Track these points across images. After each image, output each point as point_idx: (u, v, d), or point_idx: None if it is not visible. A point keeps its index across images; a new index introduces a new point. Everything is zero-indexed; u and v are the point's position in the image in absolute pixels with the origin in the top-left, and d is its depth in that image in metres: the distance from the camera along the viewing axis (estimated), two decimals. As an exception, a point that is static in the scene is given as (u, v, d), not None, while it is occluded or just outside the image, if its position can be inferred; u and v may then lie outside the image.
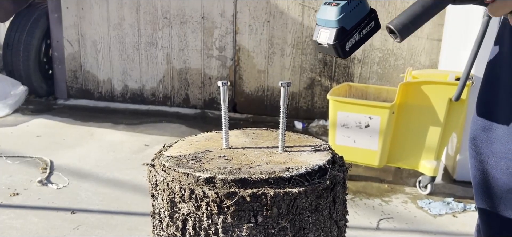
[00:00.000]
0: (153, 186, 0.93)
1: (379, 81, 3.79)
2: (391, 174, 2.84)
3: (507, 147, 0.93)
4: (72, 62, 4.40)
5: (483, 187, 1.02)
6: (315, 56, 3.87)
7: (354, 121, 2.50)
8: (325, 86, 3.92)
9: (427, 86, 2.40)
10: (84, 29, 4.29)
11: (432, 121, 2.43)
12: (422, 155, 2.51)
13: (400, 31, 0.72)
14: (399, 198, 2.51)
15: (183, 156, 0.96)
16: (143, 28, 4.16)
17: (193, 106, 4.25)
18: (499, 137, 0.95)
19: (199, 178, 0.85)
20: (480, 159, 1.01)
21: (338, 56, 0.82)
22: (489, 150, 0.98)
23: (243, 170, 0.87)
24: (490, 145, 0.97)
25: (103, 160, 2.89)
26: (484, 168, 1.00)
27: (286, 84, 0.96)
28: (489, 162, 0.98)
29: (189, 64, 4.16)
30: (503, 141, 0.94)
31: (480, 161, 1.01)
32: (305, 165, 0.89)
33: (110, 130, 3.52)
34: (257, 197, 0.81)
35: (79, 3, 4.22)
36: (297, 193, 0.82)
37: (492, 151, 0.97)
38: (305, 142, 1.06)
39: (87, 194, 2.41)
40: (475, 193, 1.06)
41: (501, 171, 0.95)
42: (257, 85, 4.06)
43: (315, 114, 3.98)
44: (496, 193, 0.99)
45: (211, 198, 0.82)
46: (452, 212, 2.36)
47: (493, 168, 0.97)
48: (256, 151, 1.00)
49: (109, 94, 4.41)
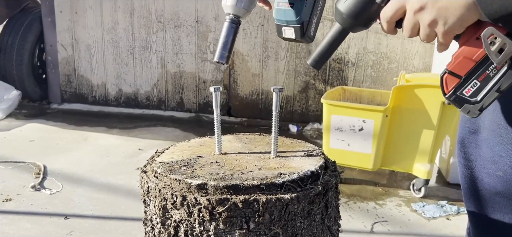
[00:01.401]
0: (145, 193, 0.93)
1: (373, 84, 3.81)
2: (385, 177, 2.84)
3: (494, 151, 0.93)
4: (66, 66, 4.38)
5: (471, 190, 1.03)
6: (309, 60, 3.88)
7: (348, 125, 2.51)
8: (319, 90, 3.93)
9: (420, 90, 2.42)
10: (78, 33, 4.27)
11: (426, 124, 2.44)
12: (415, 158, 2.52)
13: (315, 66, 0.86)
14: (393, 201, 2.52)
15: (175, 162, 0.96)
16: (137, 32, 4.15)
17: (188, 109, 4.25)
18: (485, 140, 0.95)
19: (191, 185, 0.85)
20: (468, 162, 1.01)
21: (307, 43, 0.95)
22: (476, 153, 0.98)
23: (235, 176, 0.87)
24: (478, 148, 0.98)
25: (97, 164, 2.88)
26: (472, 171, 1.01)
27: (278, 89, 0.96)
28: (477, 165, 0.99)
29: (183, 68, 4.16)
30: (489, 144, 0.94)
31: (468, 164, 1.01)
32: (297, 170, 0.89)
33: (104, 135, 3.51)
34: (249, 203, 0.81)
35: (73, 7, 4.21)
36: (289, 199, 0.82)
37: (480, 155, 0.97)
38: (297, 147, 1.06)
39: (80, 199, 2.40)
40: (464, 196, 1.06)
41: (488, 174, 0.96)
42: (251, 89, 4.06)
43: (309, 117, 3.99)
44: (484, 196, 0.99)
45: (203, 205, 0.82)
46: (446, 215, 2.37)
47: (481, 172, 0.98)
48: (249, 156, 1.00)
49: (103, 98, 4.40)
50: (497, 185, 0.95)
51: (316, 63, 0.86)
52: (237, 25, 0.95)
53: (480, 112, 0.69)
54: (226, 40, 0.94)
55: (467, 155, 1.01)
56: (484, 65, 0.68)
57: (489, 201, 0.98)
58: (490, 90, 0.68)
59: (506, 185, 0.93)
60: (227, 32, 0.95)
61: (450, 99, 0.71)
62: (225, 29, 0.95)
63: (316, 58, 0.86)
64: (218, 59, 0.95)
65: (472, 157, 1.00)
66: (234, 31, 0.95)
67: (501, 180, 0.94)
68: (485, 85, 0.68)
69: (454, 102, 0.71)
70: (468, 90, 0.69)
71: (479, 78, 0.68)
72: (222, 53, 0.95)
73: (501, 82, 0.67)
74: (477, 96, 0.68)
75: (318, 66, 0.87)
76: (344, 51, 3.81)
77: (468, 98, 0.69)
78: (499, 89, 0.67)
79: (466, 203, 1.06)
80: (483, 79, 0.68)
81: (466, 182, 1.03)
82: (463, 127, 1.03)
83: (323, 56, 0.86)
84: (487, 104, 0.69)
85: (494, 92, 0.68)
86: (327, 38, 0.85)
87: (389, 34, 0.83)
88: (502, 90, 0.67)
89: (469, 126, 1.01)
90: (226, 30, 0.95)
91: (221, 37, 0.95)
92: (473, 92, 0.69)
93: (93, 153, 3.09)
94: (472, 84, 0.69)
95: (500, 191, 0.95)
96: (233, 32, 0.95)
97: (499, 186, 0.95)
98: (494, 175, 0.95)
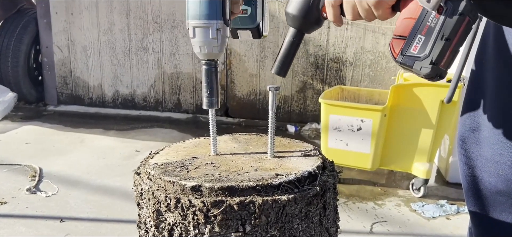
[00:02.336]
0: (138, 195, 0.91)
1: (371, 84, 3.79)
2: (384, 177, 2.82)
3: (494, 149, 0.92)
4: (62, 67, 4.35)
5: (472, 189, 1.01)
6: (306, 60, 3.86)
7: (346, 124, 2.49)
8: (317, 89, 3.91)
9: (418, 88, 2.40)
10: (74, 34, 4.25)
11: (424, 123, 2.42)
12: (414, 158, 2.50)
13: (279, 74, 0.90)
14: (393, 201, 2.50)
15: (169, 164, 0.94)
16: (134, 33, 4.12)
17: (185, 110, 4.22)
18: (486, 138, 0.94)
19: (185, 187, 0.82)
20: (469, 161, 1.00)
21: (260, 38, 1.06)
22: (477, 152, 0.97)
23: (230, 177, 0.85)
24: (479, 146, 0.96)
25: (93, 166, 2.85)
26: (473, 170, 0.99)
27: (274, 88, 0.94)
28: (477, 164, 0.97)
29: (180, 69, 4.13)
30: (490, 143, 0.93)
31: (469, 163, 1.00)
32: (294, 171, 0.87)
33: (101, 136, 3.48)
34: (245, 205, 0.79)
35: (69, 8, 4.18)
36: (286, 201, 0.80)
37: (481, 153, 0.95)
38: (294, 147, 1.04)
39: (76, 202, 2.37)
40: (465, 195, 1.05)
41: (489, 173, 0.94)
42: (249, 89, 4.04)
43: (307, 117, 3.97)
44: (485, 195, 0.97)
45: (198, 207, 0.80)
46: (446, 215, 2.35)
47: (482, 170, 0.96)
48: (245, 157, 0.98)
49: (100, 99, 4.37)
50: (498, 184, 0.93)
51: (280, 70, 0.89)
52: (216, 67, 0.94)
53: (433, 65, 0.68)
54: (211, 87, 0.93)
55: (468, 153, 0.99)
56: (423, 17, 0.68)
57: (490, 201, 0.96)
58: (436, 40, 0.68)
59: (507, 183, 0.92)
60: (209, 78, 0.93)
61: (400, 61, 0.71)
62: (206, 75, 0.92)
63: (280, 65, 0.89)
64: (208, 107, 0.94)
65: (473, 155, 0.98)
66: (215, 74, 0.93)
67: (502, 179, 0.92)
68: (429, 37, 0.68)
69: (404, 63, 0.71)
70: (415, 47, 0.69)
71: (422, 32, 0.68)
72: (211, 101, 0.93)
73: (443, 29, 0.67)
74: (425, 50, 0.68)
75: (283, 73, 0.90)
76: (342, 51, 3.79)
77: (417, 55, 0.69)
78: (444, 37, 0.67)
79: (468, 203, 1.04)
80: (426, 32, 0.68)
81: (467, 181, 1.01)
82: (463, 125, 1.01)
83: (285, 62, 0.89)
84: (437, 56, 0.68)
85: (440, 41, 0.68)
86: (285, 45, 0.89)
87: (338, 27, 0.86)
88: (447, 37, 0.67)
89: (469, 124, 0.99)
90: (208, 76, 0.93)
91: (205, 84, 0.93)
92: (420, 48, 0.69)
93: (89, 155, 3.06)
94: (417, 40, 0.69)
95: (501, 190, 0.93)
96: (215, 75, 0.93)
97: (500, 185, 0.93)
98: (495, 173, 0.93)
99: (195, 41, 0.90)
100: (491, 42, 0.94)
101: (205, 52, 0.90)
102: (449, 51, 0.68)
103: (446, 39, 0.67)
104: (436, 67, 0.69)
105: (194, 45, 0.91)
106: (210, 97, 0.93)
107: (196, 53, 0.93)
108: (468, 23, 0.67)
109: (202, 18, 0.87)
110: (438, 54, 0.68)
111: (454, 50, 0.69)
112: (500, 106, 0.91)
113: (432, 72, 0.69)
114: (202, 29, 0.88)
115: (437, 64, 0.68)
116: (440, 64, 0.68)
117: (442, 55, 0.68)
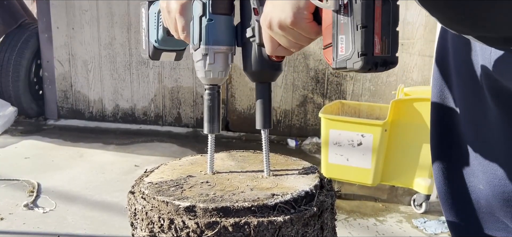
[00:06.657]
0: (132, 215, 0.89)
1: (372, 98, 3.77)
2: (385, 192, 2.79)
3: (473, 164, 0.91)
4: (63, 82, 4.35)
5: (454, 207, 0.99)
6: (307, 74, 3.86)
7: (346, 139, 2.47)
8: (317, 104, 3.89)
9: (419, 103, 2.38)
10: (74, 49, 4.25)
11: (425, 138, 2.40)
12: (416, 173, 2.47)
13: (212, 132, 0.95)
14: (394, 217, 2.46)
15: (164, 182, 0.92)
16: (134, 47, 4.13)
17: (185, 125, 4.21)
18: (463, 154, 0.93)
19: (179, 207, 0.81)
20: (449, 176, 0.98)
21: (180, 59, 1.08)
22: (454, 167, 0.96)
23: (225, 197, 0.83)
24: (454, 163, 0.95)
25: (92, 182, 2.83)
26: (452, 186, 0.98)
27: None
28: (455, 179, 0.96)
29: (180, 83, 4.13)
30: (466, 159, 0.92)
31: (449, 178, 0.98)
32: (291, 191, 0.85)
33: (100, 151, 3.46)
34: (240, 226, 0.77)
35: (70, 23, 4.20)
36: (282, 222, 0.78)
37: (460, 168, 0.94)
38: (292, 165, 1.02)
39: (74, 218, 2.34)
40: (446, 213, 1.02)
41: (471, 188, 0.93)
42: (249, 103, 4.03)
43: (308, 131, 3.95)
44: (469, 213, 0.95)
45: (191, 229, 0.78)
46: (448, 231, 2.32)
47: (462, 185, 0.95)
48: (241, 175, 0.96)
49: (100, 114, 4.36)
50: (480, 200, 0.92)
51: (266, 123, 0.92)
52: (219, 92, 0.94)
53: (363, 56, 0.65)
54: (212, 112, 0.93)
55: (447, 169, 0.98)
56: (336, 18, 0.68)
57: (476, 218, 0.94)
58: (353, 32, 0.66)
59: (487, 200, 0.90)
60: (212, 103, 0.93)
61: (335, 67, 0.70)
62: (209, 100, 0.93)
63: (264, 119, 0.92)
64: (209, 133, 0.94)
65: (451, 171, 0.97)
66: (218, 99, 0.93)
67: (483, 194, 0.91)
68: (348, 33, 0.67)
69: (340, 68, 0.70)
70: (341, 48, 0.68)
71: (341, 32, 0.68)
72: (213, 127, 0.94)
73: (355, 20, 0.65)
74: (350, 47, 0.67)
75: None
76: (342, 65, 3.78)
77: (346, 54, 0.68)
78: (359, 26, 0.65)
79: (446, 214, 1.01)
80: (344, 30, 0.67)
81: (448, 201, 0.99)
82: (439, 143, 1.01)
83: (267, 114, 0.92)
84: (362, 46, 0.65)
85: (357, 31, 0.65)
86: (260, 101, 0.92)
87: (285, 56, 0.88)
88: (363, 24, 0.65)
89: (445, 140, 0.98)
90: (211, 101, 0.93)
91: (207, 109, 0.93)
92: (345, 47, 0.68)
93: (88, 170, 3.05)
94: (340, 41, 0.68)
95: (483, 206, 0.91)
96: (217, 100, 0.93)
97: (482, 201, 0.91)
98: (476, 188, 0.92)
99: (199, 65, 0.89)
100: (452, 58, 0.93)
101: (210, 77, 0.90)
102: (376, 36, 0.65)
103: (363, 26, 0.65)
104: (368, 57, 0.66)
105: (198, 70, 0.90)
106: (211, 123, 0.93)
107: (200, 78, 0.92)
108: (384, 1, 0.65)
109: (213, 43, 0.88)
110: (362, 44, 0.65)
111: (384, 32, 0.66)
112: (472, 121, 0.90)
113: (365, 63, 0.66)
114: (215, 54, 0.88)
115: (367, 54, 0.65)
116: (373, 52, 0.66)
117: (368, 43, 0.65)
